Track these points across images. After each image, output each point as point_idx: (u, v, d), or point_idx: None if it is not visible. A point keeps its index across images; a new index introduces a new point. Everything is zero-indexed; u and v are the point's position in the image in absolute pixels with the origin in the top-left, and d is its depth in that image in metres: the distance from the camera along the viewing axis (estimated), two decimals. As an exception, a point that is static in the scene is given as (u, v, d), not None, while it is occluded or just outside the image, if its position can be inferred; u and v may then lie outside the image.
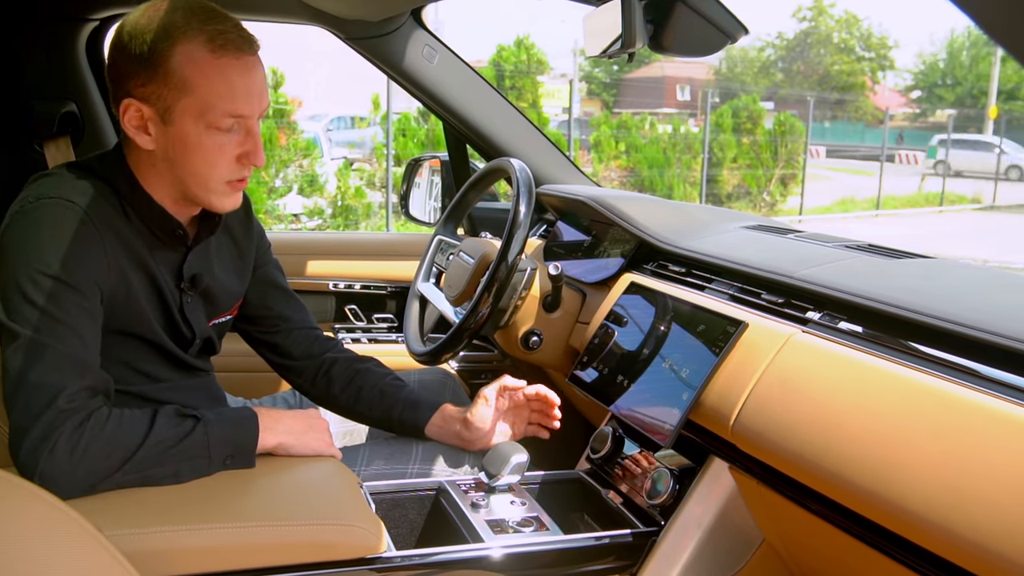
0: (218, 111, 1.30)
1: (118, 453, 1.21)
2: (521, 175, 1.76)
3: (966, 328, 1.11)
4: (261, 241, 1.69)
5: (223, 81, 1.29)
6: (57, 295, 1.25)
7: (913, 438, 1.06)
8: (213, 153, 1.33)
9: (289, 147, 9.41)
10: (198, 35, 1.28)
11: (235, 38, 1.31)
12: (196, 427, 1.29)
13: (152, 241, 1.42)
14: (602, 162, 12.39)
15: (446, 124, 2.36)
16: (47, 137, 2.14)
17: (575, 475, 1.67)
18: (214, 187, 1.37)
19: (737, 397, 1.32)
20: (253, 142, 1.36)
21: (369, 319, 2.48)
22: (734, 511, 1.42)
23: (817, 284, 1.36)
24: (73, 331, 1.25)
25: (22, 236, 1.28)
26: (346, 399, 1.71)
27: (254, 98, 1.34)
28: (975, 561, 0.95)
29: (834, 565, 1.33)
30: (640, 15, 1.31)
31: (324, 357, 1.72)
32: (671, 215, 1.90)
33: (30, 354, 1.22)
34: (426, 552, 1.34)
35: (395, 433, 1.72)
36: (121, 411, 1.26)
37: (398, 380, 1.73)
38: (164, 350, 1.49)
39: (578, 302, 1.91)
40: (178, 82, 1.29)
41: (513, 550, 1.36)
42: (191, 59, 1.28)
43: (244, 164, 1.37)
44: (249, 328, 1.73)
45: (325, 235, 3.07)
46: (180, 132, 1.32)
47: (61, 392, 1.21)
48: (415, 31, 2.14)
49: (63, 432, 1.18)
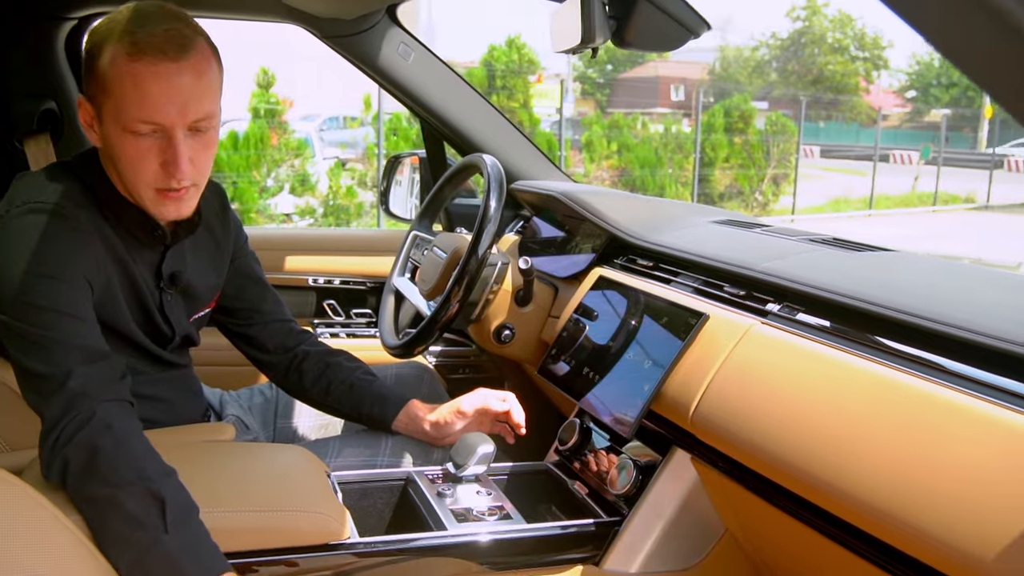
0: (129, 116, 1.30)
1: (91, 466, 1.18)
2: (492, 170, 1.78)
3: (917, 318, 1.13)
4: (238, 233, 1.71)
5: (135, 87, 1.28)
6: (54, 293, 1.29)
7: (865, 427, 1.08)
8: (134, 158, 1.33)
9: (280, 147, 9.43)
10: (123, 39, 1.28)
11: (159, 43, 1.28)
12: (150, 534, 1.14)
13: (130, 241, 1.44)
14: (594, 162, 12.41)
15: (423, 121, 2.38)
16: (27, 134, 2.16)
17: (543, 467, 1.69)
18: (144, 192, 1.37)
19: (697, 388, 1.34)
20: (173, 152, 1.32)
21: (348, 314, 2.50)
22: (696, 502, 1.44)
23: (777, 276, 1.38)
24: (76, 320, 1.30)
25: (13, 243, 1.32)
26: (317, 393, 1.73)
27: (172, 106, 1.30)
28: (930, 552, 0.96)
29: (792, 555, 1.35)
30: (600, 11, 1.34)
31: (297, 350, 1.74)
32: (641, 210, 1.92)
33: (37, 348, 1.26)
34: (389, 539, 1.36)
35: (365, 426, 1.74)
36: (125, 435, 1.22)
37: (368, 374, 1.74)
38: (142, 347, 1.51)
39: (550, 296, 1.93)
40: (102, 84, 1.31)
41: (475, 538, 1.38)
42: (112, 63, 1.29)
43: (169, 174, 1.34)
44: (225, 320, 1.75)
45: (305, 231, 3.09)
46: (106, 133, 1.34)
47: (70, 375, 1.24)
48: (390, 29, 2.16)
49: (75, 418, 1.21)
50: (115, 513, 1.15)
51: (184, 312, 1.59)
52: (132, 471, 1.17)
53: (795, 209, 14.74)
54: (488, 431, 1.70)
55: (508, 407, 1.68)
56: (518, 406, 1.69)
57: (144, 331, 1.51)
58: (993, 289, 1.28)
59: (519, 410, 1.68)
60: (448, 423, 1.66)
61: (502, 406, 1.67)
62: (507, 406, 1.68)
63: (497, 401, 1.68)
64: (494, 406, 1.67)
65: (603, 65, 36.37)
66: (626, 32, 1.43)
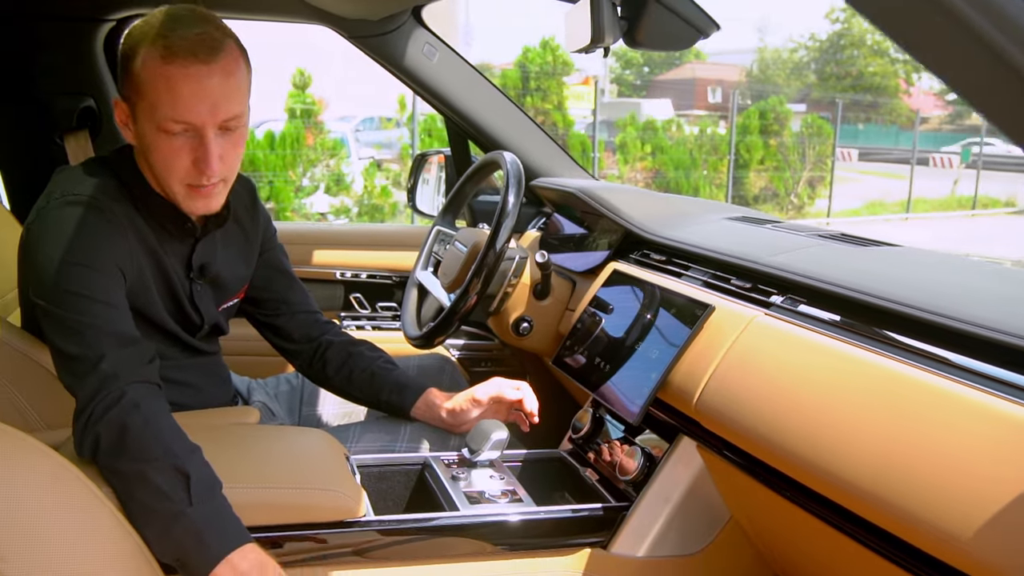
0: (163, 116, 1.36)
1: (121, 443, 1.25)
2: (511, 167, 1.83)
3: (915, 309, 1.16)
4: (267, 227, 1.78)
5: (167, 89, 1.35)
6: (88, 280, 1.36)
7: (861, 416, 1.11)
8: (167, 155, 1.40)
9: (316, 147, 9.55)
10: (156, 42, 1.35)
11: (191, 46, 1.34)
12: (176, 506, 1.21)
13: (162, 233, 1.52)
14: (627, 163, 12.41)
15: (447, 120, 2.44)
16: (67, 131, 2.26)
17: (556, 454, 1.74)
18: (175, 188, 1.44)
19: (701, 376, 1.38)
20: (204, 150, 1.39)
21: (374, 307, 2.57)
22: (702, 489, 1.48)
23: (781, 269, 1.42)
24: (108, 307, 1.37)
25: (50, 232, 1.40)
26: (339, 381, 1.79)
27: (203, 107, 1.36)
28: (927, 540, 0.99)
29: (795, 542, 1.38)
30: (610, 12, 1.38)
31: (321, 340, 1.81)
32: (657, 206, 1.97)
33: (72, 332, 1.33)
34: (402, 518, 1.42)
35: (384, 413, 1.80)
36: (153, 414, 1.28)
37: (389, 363, 1.81)
38: (172, 334, 1.58)
39: (568, 290, 1.97)
40: (136, 86, 1.37)
41: (486, 519, 1.43)
42: (145, 65, 1.36)
43: (200, 171, 1.41)
44: (253, 310, 1.82)
45: (334, 226, 3.16)
46: (141, 132, 1.41)
47: (102, 358, 1.31)
48: (415, 30, 2.22)
49: (106, 398, 1.27)
50: (143, 486, 1.21)
51: (213, 302, 1.66)
52: (159, 448, 1.24)
53: (830, 212, 14.62)
54: (504, 419, 1.75)
55: (521, 395, 1.73)
56: (531, 395, 1.74)
57: (174, 319, 1.58)
58: (992, 283, 1.30)
59: (532, 398, 1.73)
60: (464, 410, 1.72)
61: (516, 394, 1.72)
62: (520, 394, 1.73)
63: (511, 389, 1.73)
64: (508, 394, 1.72)
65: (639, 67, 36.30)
66: (637, 32, 1.47)
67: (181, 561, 1.21)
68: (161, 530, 1.20)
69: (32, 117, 2.27)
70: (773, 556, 1.50)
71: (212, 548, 1.19)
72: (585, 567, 1.47)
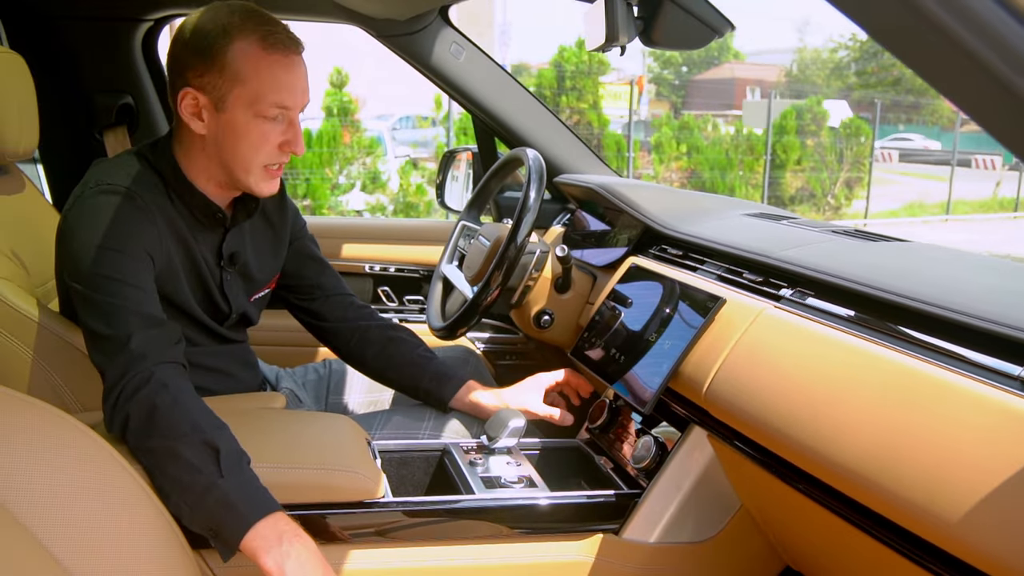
0: (266, 101, 1.47)
1: (151, 421, 1.31)
2: (533, 163, 1.87)
3: (918, 303, 1.18)
4: (296, 219, 1.85)
5: (271, 75, 1.47)
6: (118, 264, 1.44)
7: (865, 406, 1.13)
8: (258, 139, 1.50)
9: (353, 145, 9.65)
10: (253, 34, 1.46)
11: (284, 39, 1.48)
12: (207, 478, 1.27)
13: (194, 223, 1.59)
14: (663, 163, 12.39)
15: (474, 117, 2.49)
16: (106, 126, 2.35)
17: (574, 443, 1.78)
18: (255, 171, 1.53)
19: (711, 366, 1.42)
20: (294, 132, 1.53)
21: (401, 300, 2.62)
22: (713, 477, 1.51)
23: (790, 263, 1.45)
24: (137, 290, 1.44)
25: (85, 219, 1.47)
26: (377, 365, 1.87)
27: (298, 92, 1.51)
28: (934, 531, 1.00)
29: (803, 530, 1.41)
30: (624, 12, 1.42)
31: (359, 323, 1.87)
32: (676, 202, 2.00)
33: (103, 313, 1.41)
34: (418, 500, 1.47)
35: (420, 401, 1.86)
36: (179, 395, 1.34)
37: (428, 352, 1.87)
38: (200, 322, 1.65)
39: (589, 284, 2.01)
40: (232, 74, 1.46)
41: (500, 503, 1.48)
42: (245, 54, 1.46)
43: (284, 151, 1.54)
44: (289, 296, 1.90)
45: (363, 221, 3.23)
46: (231, 119, 1.49)
47: (131, 337, 1.38)
48: (443, 29, 2.28)
49: (134, 377, 1.34)
50: (173, 462, 1.28)
51: (243, 291, 1.72)
52: (187, 424, 1.30)
53: (868, 213, 14.48)
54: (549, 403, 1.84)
55: (562, 376, 1.84)
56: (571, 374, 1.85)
57: (203, 307, 1.64)
58: (998, 277, 1.32)
59: (572, 375, 1.84)
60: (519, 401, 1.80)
61: (557, 376, 1.85)
62: (560, 375, 1.85)
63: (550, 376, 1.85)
64: (547, 379, 1.84)
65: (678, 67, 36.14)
66: (652, 32, 1.51)
67: (214, 531, 1.26)
68: (194, 502, 1.26)
69: (73, 113, 2.36)
70: (783, 545, 1.53)
71: (244, 517, 1.24)
72: (598, 552, 1.51)
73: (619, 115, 13.98)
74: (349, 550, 1.41)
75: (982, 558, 0.95)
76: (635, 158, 12.26)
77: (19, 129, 1.70)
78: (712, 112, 19.20)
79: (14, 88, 1.69)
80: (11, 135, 1.68)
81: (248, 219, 1.67)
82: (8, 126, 1.67)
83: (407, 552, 1.43)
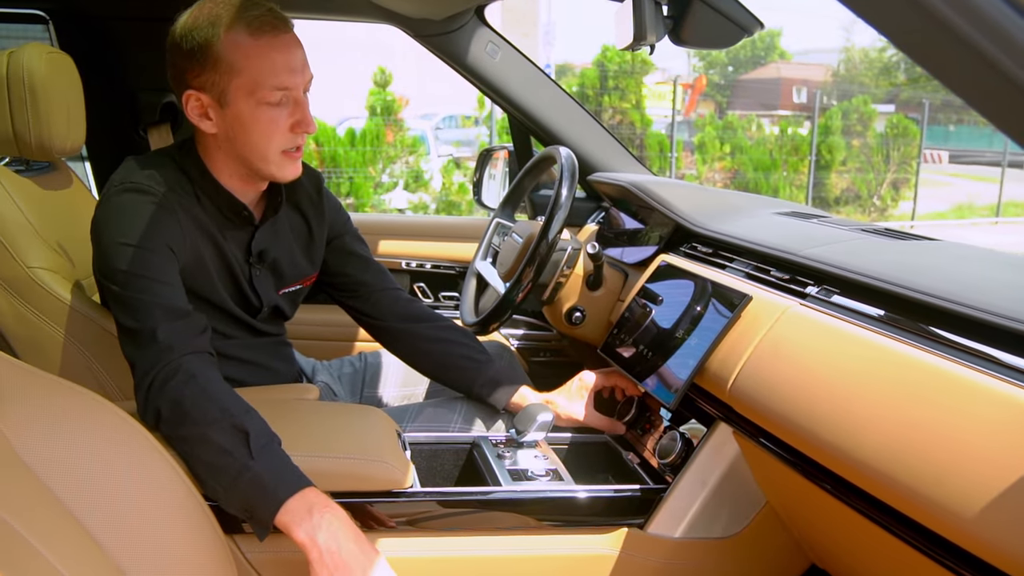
0: (266, 87, 1.48)
1: (176, 412, 1.35)
2: (566, 161, 1.89)
3: (944, 301, 1.18)
4: (337, 215, 1.87)
5: (264, 60, 1.47)
6: (142, 260, 1.47)
7: (888, 404, 1.13)
8: (267, 126, 1.51)
9: (396, 144, 9.72)
10: (237, 23, 1.46)
11: (271, 20, 1.48)
12: (239, 461, 1.30)
13: (222, 221, 1.63)
14: (706, 163, 12.32)
15: (510, 116, 2.52)
16: (150, 123, 2.41)
17: (602, 438, 1.80)
18: (272, 158, 1.55)
19: (736, 363, 1.43)
20: (301, 111, 1.53)
21: (437, 297, 2.66)
22: (738, 474, 1.52)
23: (816, 261, 1.46)
24: (161, 284, 1.47)
25: (109, 217, 1.52)
26: (430, 364, 1.88)
27: (296, 71, 1.50)
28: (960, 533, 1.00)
29: (827, 527, 1.41)
30: (652, 11, 1.44)
31: (408, 320, 1.88)
32: (707, 201, 2.01)
33: (130, 307, 1.45)
34: (445, 491, 1.50)
35: (476, 401, 1.87)
36: (208, 381, 1.38)
37: (481, 354, 1.87)
38: (233, 315, 1.69)
39: (620, 281, 2.03)
40: (227, 67, 1.47)
41: (526, 495, 1.50)
42: (235, 44, 1.46)
43: (297, 132, 1.54)
44: (333, 292, 1.92)
45: (401, 218, 3.27)
46: (236, 112, 1.51)
47: (157, 330, 1.42)
48: (479, 28, 2.30)
49: (163, 370, 1.38)
50: (206, 447, 1.32)
51: (273, 286, 1.75)
52: (217, 410, 1.34)
53: (915, 215, 14.26)
54: None
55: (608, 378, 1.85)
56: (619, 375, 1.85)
57: (235, 301, 1.68)
58: None
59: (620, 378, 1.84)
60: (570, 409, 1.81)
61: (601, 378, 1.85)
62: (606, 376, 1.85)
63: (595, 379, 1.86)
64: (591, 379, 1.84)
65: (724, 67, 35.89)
66: (682, 31, 1.52)
67: (249, 511, 1.31)
68: (228, 484, 1.30)
69: (119, 111, 2.42)
70: (808, 542, 1.53)
71: (277, 494, 1.28)
72: (623, 545, 1.52)
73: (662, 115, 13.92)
74: (377, 538, 1.44)
75: (1005, 557, 0.95)
76: (678, 158, 12.19)
77: (67, 126, 1.75)
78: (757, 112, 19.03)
79: (63, 87, 1.75)
80: (60, 132, 1.74)
81: (276, 214, 1.69)
82: (57, 124, 1.73)
83: (433, 541, 1.46)
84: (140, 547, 1.10)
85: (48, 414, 1.07)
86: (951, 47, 0.63)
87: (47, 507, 1.02)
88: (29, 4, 2.34)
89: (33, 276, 1.58)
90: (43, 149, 1.70)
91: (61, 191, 1.85)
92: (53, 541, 0.93)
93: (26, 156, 1.73)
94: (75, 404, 1.11)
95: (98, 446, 1.13)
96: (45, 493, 1.03)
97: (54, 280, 1.59)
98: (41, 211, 1.73)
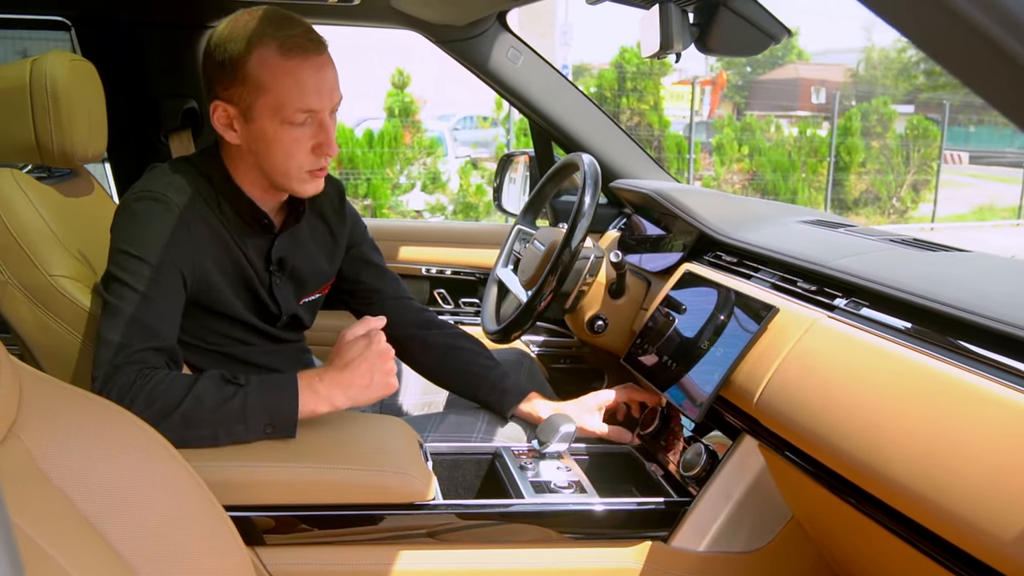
0: (290, 108, 1.47)
1: (157, 405, 1.34)
2: (588, 169, 1.87)
3: (975, 316, 1.16)
4: (355, 225, 1.87)
5: (293, 81, 1.46)
6: (137, 271, 1.46)
7: (916, 419, 1.11)
8: (290, 146, 1.50)
9: (413, 145, 9.74)
10: (270, 41, 1.45)
11: (303, 42, 1.47)
12: (236, 394, 1.38)
13: (243, 228, 1.62)
14: (724, 165, 12.27)
15: (531, 121, 2.51)
16: (172, 130, 2.41)
17: (625, 449, 1.78)
18: (295, 175, 1.54)
19: (762, 376, 1.41)
20: (325, 134, 1.52)
21: (457, 303, 2.65)
22: (763, 487, 1.50)
23: (845, 272, 1.44)
24: (147, 300, 1.45)
25: (124, 224, 1.51)
26: (437, 370, 1.88)
27: (324, 94, 1.49)
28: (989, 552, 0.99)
29: (854, 543, 1.39)
30: (679, 19, 1.42)
31: (419, 328, 1.88)
32: (731, 209, 1.99)
33: (110, 316, 1.44)
34: (468, 503, 1.49)
35: (482, 408, 1.86)
36: (169, 372, 1.40)
37: (489, 361, 1.86)
38: (249, 324, 1.68)
39: (643, 290, 2.01)
40: (255, 84, 1.46)
41: (550, 507, 1.49)
42: (264, 63, 1.45)
43: (319, 154, 1.53)
44: (347, 300, 1.92)
45: (420, 223, 3.27)
46: (260, 128, 1.50)
47: (123, 348, 1.40)
48: (500, 34, 2.29)
49: (117, 382, 1.36)
50: (202, 408, 1.36)
51: (293, 294, 1.74)
52: (181, 388, 1.36)
53: (935, 217, 14.15)
54: None
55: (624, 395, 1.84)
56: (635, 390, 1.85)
57: (252, 311, 1.67)
58: None
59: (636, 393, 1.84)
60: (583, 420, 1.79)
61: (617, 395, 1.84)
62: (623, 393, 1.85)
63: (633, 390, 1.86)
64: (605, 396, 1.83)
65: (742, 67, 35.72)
66: (708, 39, 1.51)
67: (272, 426, 1.39)
68: (241, 418, 1.37)
69: (142, 116, 2.43)
70: (834, 557, 1.51)
71: (283, 401, 1.39)
72: (646, 559, 1.51)
73: (681, 116, 13.86)
74: (399, 551, 1.43)
75: None
76: (696, 160, 12.15)
77: (89, 133, 1.75)
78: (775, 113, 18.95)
79: (85, 94, 1.75)
80: (81, 139, 1.73)
81: (296, 223, 1.69)
82: (79, 130, 1.72)
83: (455, 554, 1.45)
84: (158, 556, 1.09)
85: (67, 424, 1.07)
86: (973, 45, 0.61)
87: (64, 515, 1.01)
88: (52, 10, 2.34)
89: (55, 284, 1.57)
90: (65, 156, 1.70)
91: (83, 198, 1.85)
92: (69, 549, 0.92)
93: (48, 163, 1.73)
94: (93, 414, 1.11)
95: (116, 455, 1.12)
96: (62, 501, 1.02)
97: (76, 288, 1.58)
98: (63, 218, 1.72)
